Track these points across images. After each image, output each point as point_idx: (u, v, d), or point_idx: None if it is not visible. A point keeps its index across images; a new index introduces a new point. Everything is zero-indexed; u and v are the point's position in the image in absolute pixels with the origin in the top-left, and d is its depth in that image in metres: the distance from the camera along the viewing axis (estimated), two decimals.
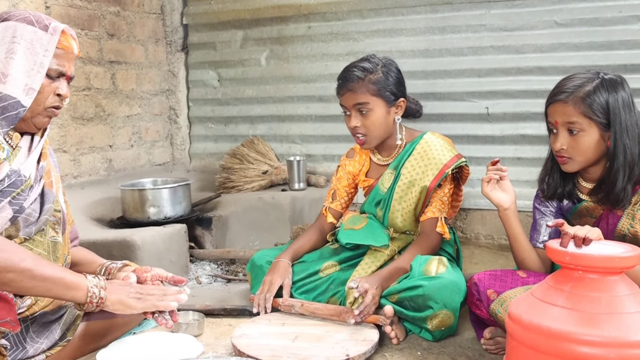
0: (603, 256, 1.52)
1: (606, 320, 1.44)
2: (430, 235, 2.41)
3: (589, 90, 1.89)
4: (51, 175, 1.94)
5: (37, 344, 1.82)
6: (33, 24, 1.77)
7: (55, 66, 1.80)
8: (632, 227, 1.93)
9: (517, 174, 3.45)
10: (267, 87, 4.09)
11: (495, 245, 3.48)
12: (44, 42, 1.77)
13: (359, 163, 2.62)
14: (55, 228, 1.93)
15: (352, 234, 2.45)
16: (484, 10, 3.43)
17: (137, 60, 4.04)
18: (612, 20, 3.19)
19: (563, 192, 2.09)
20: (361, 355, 1.95)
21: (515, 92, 3.42)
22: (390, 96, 2.40)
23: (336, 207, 2.64)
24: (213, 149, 4.33)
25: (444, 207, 2.44)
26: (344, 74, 2.43)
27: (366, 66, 2.39)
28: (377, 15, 3.70)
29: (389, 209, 2.47)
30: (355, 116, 2.40)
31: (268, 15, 3.99)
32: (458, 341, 2.18)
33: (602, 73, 1.94)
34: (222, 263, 3.24)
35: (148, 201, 2.99)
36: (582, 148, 1.92)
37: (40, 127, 1.87)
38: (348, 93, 2.39)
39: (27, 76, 1.75)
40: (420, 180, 2.40)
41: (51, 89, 1.82)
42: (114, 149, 3.88)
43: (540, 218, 2.15)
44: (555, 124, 1.95)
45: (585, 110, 1.88)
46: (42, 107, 1.82)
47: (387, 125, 2.44)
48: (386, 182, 2.49)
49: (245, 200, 3.54)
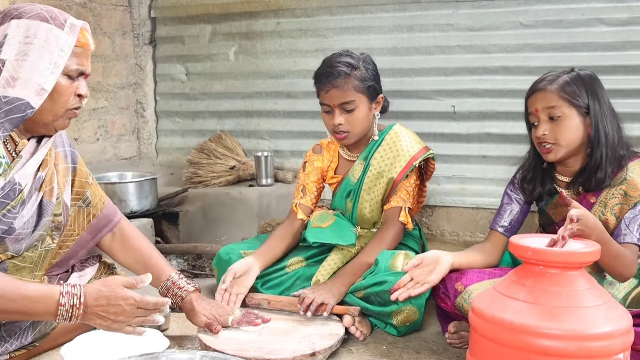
0: (563, 252, 1.57)
1: (566, 313, 1.48)
2: (392, 225, 2.39)
3: (566, 79, 1.99)
4: (53, 181, 1.85)
5: (6, 344, 1.78)
6: (48, 20, 1.66)
7: (76, 66, 1.71)
8: (604, 214, 2.00)
9: (482, 172, 3.52)
10: (236, 82, 4.07)
11: (460, 242, 3.52)
12: (60, 42, 1.66)
13: (327, 159, 2.60)
14: (53, 235, 1.86)
15: (319, 232, 2.44)
16: (452, 10, 3.47)
17: (103, 53, 3.99)
18: (575, 23, 3.25)
19: (542, 192, 2.15)
20: (327, 349, 1.97)
21: (481, 91, 3.46)
22: (373, 92, 2.37)
23: (307, 202, 2.58)
24: (180, 143, 4.30)
25: (409, 197, 2.42)
26: (327, 70, 2.33)
27: (350, 62, 2.33)
28: (346, 13, 3.71)
29: (359, 199, 2.47)
30: (340, 114, 2.34)
31: (237, 10, 3.97)
32: (423, 335, 2.21)
33: (577, 69, 2.04)
34: (189, 258, 3.22)
35: (114, 195, 2.96)
36: (565, 132, 1.99)
37: (60, 129, 1.80)
38: (333, 90, 2.32)
39: (40, 76, 1.64)
40: (388, 172, 2.40)
41: (72, 89, 1.73)
42: (79, 142, 3.82)
43: (507, 204, 2.20)
44: (536, 112, 2.01)
45: (564, 95, 1.97)
46: (65, 110, 1.74)
47: (369, 122, 2.42)
48: (356, 173, 2.48)
49: (213, 195, 3.53)
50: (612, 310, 1.52)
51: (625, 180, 1.97)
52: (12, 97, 1.61)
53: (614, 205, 1.99)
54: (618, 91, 3.07)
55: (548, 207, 2.17)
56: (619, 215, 1.98)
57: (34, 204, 1.76)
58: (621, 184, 1.98)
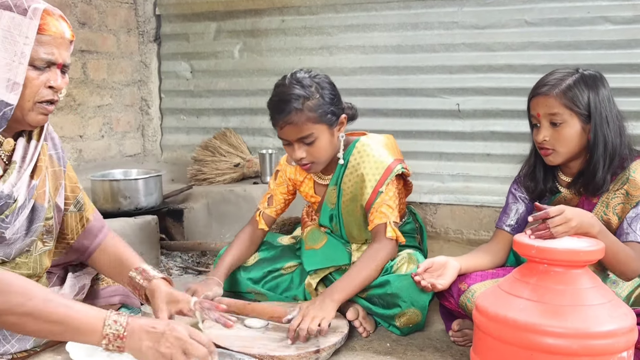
0: (568, 250, 1.57)
1: (570, 312, 1.48)
2: (381, 244, 2.22)
3: (569, 83, 1.96)
4: (45, 184, 1.77)
5: (8, 345, 1.76)
6: (11, 8, 1.54)
7: (43, 55, 1.58)
8: (606, 214, 2.00)
9: (486, 170, 3.52)
10: (240, 79, 4.08)
11: (464, 240, 3.53)
12: (23, 29, 1.53)
13: (300, 173, 2.47)
14: (44, 239, 1.81)
15: (313, 256, 2.39)
16: (456, 8, 3.47)
17: (108, 50, 4.00)
18: (580, 21, 3.25)
19: (545, 188, 2.14)
20: (331, 346, 1.97)
21: (486, 89, 3.46)
22: (332, 118, 2.21)
23: (270, 213, 2.50)
24: (185, 140, 4.31)
25: (392, 211, 2.25)
26: (278, 106, 2.18)
27: (300, 93, 2.14)
28: (351, 10, 3.72)
29: (342, 222, 2.39)
30: (299, 147, 2.20)
31: (242, 7, 3.98)
32: (427, 333, 2.21)
33: (582, 69, 2.01)
34: (193, 255, 3.23)
35: (119, 192, 2.97)
36: (565, 139, 1.97)
37: (35, 125, 1.66)
38: (288, 127, 2.16)
39: (7, 70, 1.52)
40: (359, 197, 2.30)
41: (40, 81, 1.59)
42: (84, 139, 3.84)
43: (513, 203, 2.20)
44: (538, 117, 2.00)
45: (566, 102, 1.94)
46: (32, 103, 1.60)
47: (333, 147, 2.28)
48: (332, 198, 2.38)
49: (217, 192, 3.54)
50: (616, 309, 1.52)
51: (628, 180, 1.97)
52: None
53: (616, 205, 1.99)
54: (623, 89, 3.07)
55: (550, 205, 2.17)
56: (621, 215, 1.98)
57: (26, 212, 1.70)
58: (623, 183, 1.98)
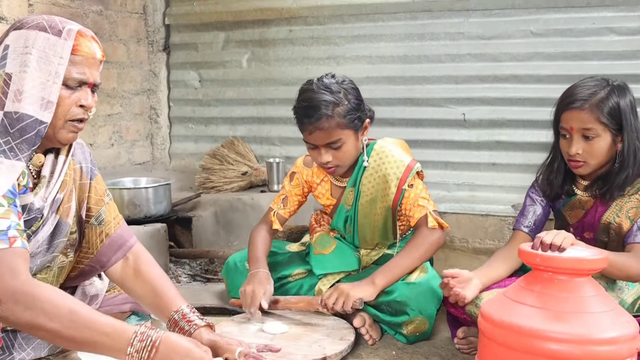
0: (572, 258, 1.59)
1: (573, 318, 1.50)
2: (423, 234, 2.26)
3: (602, 97, 1.99)
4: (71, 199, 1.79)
5: (24, 352, 1.77)
6: (46, 29, 1.58)
7: (76, 74, 1.61)
8: (618, 217, 2.03)
9: (492, 179, 3.54)
10: (248, 89, 4.12)
11: (469, 249, 3.54)
12: (57, 49, 1.57)
13: (317, 176, 2.51)
14: (67, 252, 1.82)
15: (322, 261, 2.42)
16: (463, 19, 3.50)
17: (118, 60, 4.05)
18: (586, 32, 3.28)
19: (562, 192, 2.18)
20: (338, 354, 1.99)
21: (492, 99, 3.49)
22: (358, 123, 2.27)
23: (284, 214, 2.53)
24: (193, 149, 4.35)
25: (428, 201, 2.30)
26: (307, 112, 2.22)
27: (329, 99, 2.20)
28: (357, 21, 3.75)
29: (357, 225, 2.42)
30: (326, 152, 2.25)
31: (250, 17, 4.02)
32: (432, 341, 2.23)
33: (611, 80, 2.05)
34: (201, 262, 3.26)
35: (129, 200, 3.01)
36: (596, 152, 2.02)
37: (65, 142, 1.69)
38: (317, 132, 2.21)
39: (42, 89, 1.56)
40: (382, 199, 2.33)
41: (71, 100, 1.62)
42: (94, 147, 3.88)
43: (530, 205, 2.23)
44: (571, 130, 2.03)
45: (600, 116, 1.98)
46: (63, 121, 1.63)
47: (357, 150, 2.33)
48: (349, 200, 2.41)
49: (225, 200, 3.57)
50: (618, 317, 1.54)
51: None
52: (22, 114, 1.55)
53: (629, 209, 2.03)
54: None
55: (564, 208, 2.20)
56: (633, 219, 2.02)
57: (50, 227, 1.72)
58: (639, 189, 2.02)
